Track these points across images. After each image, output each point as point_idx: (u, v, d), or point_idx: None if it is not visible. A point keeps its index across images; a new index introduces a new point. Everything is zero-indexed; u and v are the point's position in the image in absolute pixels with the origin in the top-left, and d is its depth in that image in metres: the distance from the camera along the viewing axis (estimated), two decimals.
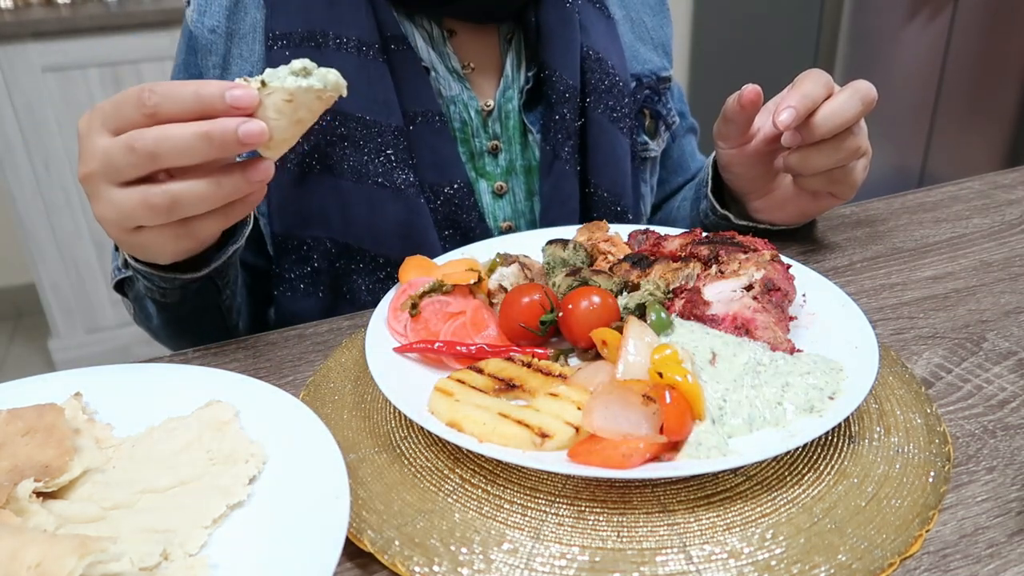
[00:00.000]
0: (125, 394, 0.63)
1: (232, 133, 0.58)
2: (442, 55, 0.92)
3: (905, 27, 2.92)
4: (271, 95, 0.59)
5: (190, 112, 0.58)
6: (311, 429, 0.56)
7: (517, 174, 0.97)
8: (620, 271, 0.72)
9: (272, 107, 0.59)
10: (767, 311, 0.64)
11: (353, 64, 0.86)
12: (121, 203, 0.61)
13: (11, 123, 2.42)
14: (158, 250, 0.67)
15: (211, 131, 0.58)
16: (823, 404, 0.57)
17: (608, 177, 0.97)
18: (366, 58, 0.86)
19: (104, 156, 0.60)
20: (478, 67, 0.95)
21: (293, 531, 0.49)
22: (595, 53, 0.95)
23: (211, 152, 0.58)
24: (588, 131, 0.95)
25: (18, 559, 0.41)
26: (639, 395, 0.54)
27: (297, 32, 0.87)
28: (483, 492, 0.54)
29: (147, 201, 0.60)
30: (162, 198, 0.60)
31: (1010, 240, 0.92)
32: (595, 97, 0.95)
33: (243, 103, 0.58)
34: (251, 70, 0.88)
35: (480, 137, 0.95)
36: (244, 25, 0.89)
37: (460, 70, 0.93)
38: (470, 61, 0.94)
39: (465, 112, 0.94)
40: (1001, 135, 3.36)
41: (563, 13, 0.93)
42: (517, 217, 0.98)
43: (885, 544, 0.49)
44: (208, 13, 0.89)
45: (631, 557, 0.49)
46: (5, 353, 3.03)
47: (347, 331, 0.78)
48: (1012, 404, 0.63)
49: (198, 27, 0.89)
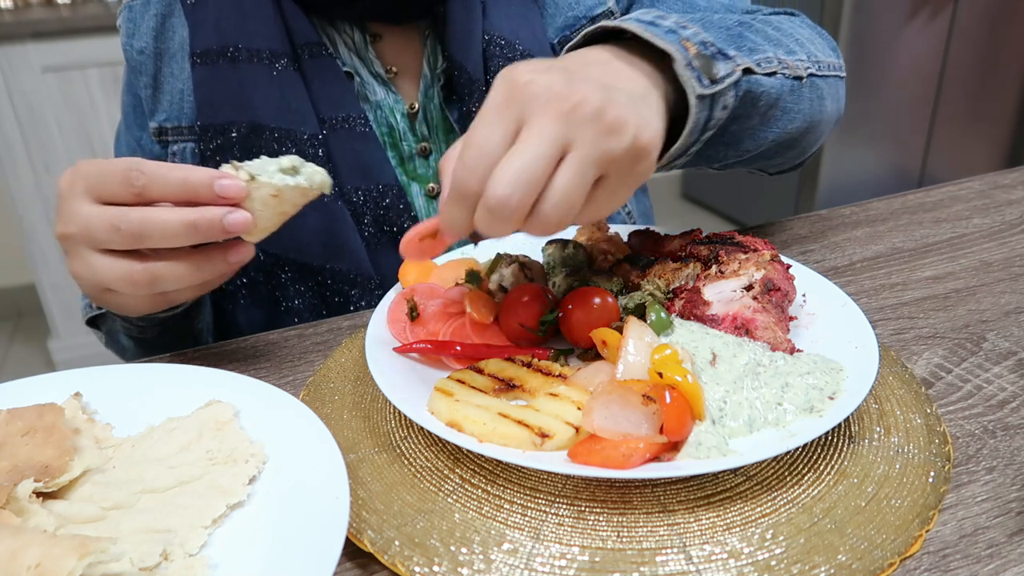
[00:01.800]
0: (125, 394, 0.63)
1: (218, 222, 0.60)
2: (365, 60, 0.91)
3: (905, 27, 2.92)
4: (259, 189, 0.61)
5: (176, 197, 0.60)
6: (311, 429, 0.56)
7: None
8: (620, 271, 0.72)
9: (258, 199, 0.61)
10: (767, 311, 0.64)
11: (265, 75, 0.86)
12: (99, 268, 0.62)
13: (11, 123, 2.42)
14: (131, 309, 0.69)
15: (198, 221, 0.60)
16: (823, 404, 0.57)
17: None
18: (276, 69, 0.86)
19: (85, 223, 0.61)
20: (401, 70, 0.93)
21: (293, 531, 0.49)
22: (499, 37, 0.90)
23: (195, 239, 0.61)
24: None
25: (18, 559, 0.41)
26: (639, 395, 0.54)
27: (214, 49, 0.87)
28: (483, 492, 0.54)
29: (128, 276, 0.62)
30: (143, 275, 0.62)
31: (1010, 240, 0.92)
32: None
33: (230, 194, 0.60)
34: (182, 88, 0.89)
35: (408, 140, 0.94)
36: (173, 44, 0.90)
37: (384, 74, 0.92)
38: (393, 65, 0.93)
39: (392, 116, 0.93)
40: (1001, 135, 3.36)
41: (466, 2, 0.89)
42: None
43: (885, 544, 0.49)
44: (136, 35, 0.91)
45: (631, 557, 0.49)
46: (5, 353, 3.03)
47: (347, 331, 0.78)
48: (1012, 404, 0.63)
49: (127, 49, 0.91)
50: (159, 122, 0.91)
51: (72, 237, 0.62)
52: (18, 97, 2.40)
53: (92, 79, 2.46)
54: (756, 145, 0.76)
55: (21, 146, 2.45)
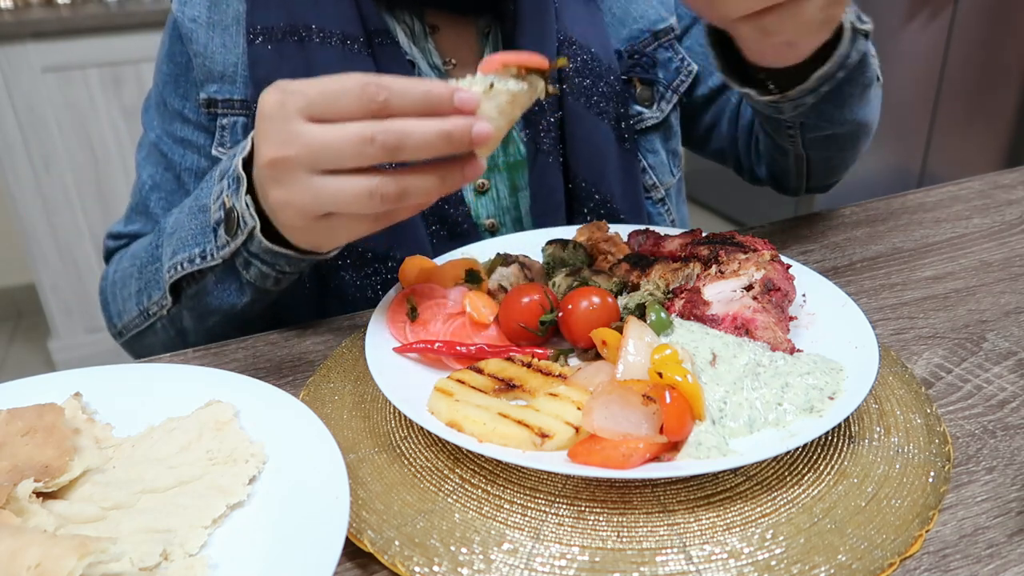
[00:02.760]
0: (125, 394, 0.63)
1: (467, 133, 0.59)
2: (424, 51, 0.92)
3: (905, 27, 2.92)
4: (495, 97, 0.61)
5: (418, 109, 0.59)
6: (311, 429, 0.56)
7: (500, 171, 0.97)
8: (620, 271, 0.72)
9: (495, 108, 0.61)
10: (767, 311, 0.64)
11: (337, 58, 0.85)
12: (329, 188, 0.60)
13: (11, 123, 2.42)
14: (340, 235, 0.66)
15: (452, 131, 0.58)
16: (823, 404, 0.57)
17: (587, 166, 0.96)
18: (351, 52, 0.86)
19: (316, 143, 0.58)
20: (459, 63, 0.94)
21: (293, 531, 0.49)
22: (570, 38, 0.93)
23: (446, 150, 0.59)
24: (565, 121, 0.94)
25: (18, 559, 0.41)
26: (639, 395, 0.54)
27: (279, 26, 0.86)
28: (483, 492, 0.54)
29: (372, 190, 0.59)
30: (393, 188, 0.59)
31: (1010, 240, 0.92)
32: (570, 85, 0.94)
33: (468, 106, 0.60)
34: (235, 62, 0.88)
35: None
36: (226, 16, 0.89)
37: (441, 66, 0.92)
38: (451, 57, 0.94)
39: None
40: (1001, 135, 3.36)
41: (540, 3, 0.91)
42: (501, 214, 0.98)
43: (885, 544, 0.49)
44: (190, 3, 0.89)
45: (631, 557, 0.49)
46: (5, 353, 3.03)
47: (347, 331, 0.78)
48: (1012, 404, 0.63)
49: (179, 17, 0.90)
50: (209, 94, 0.90)
51: (290, 160, 0.60)
52: (18, 97, 2.40)
53: (92, 79, 2.46)
54: (849, 118, 0.87)
55: (21, 146, 2.45)
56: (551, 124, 0.94)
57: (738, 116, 1.09)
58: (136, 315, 0.88)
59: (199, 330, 0.85)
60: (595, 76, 0.95)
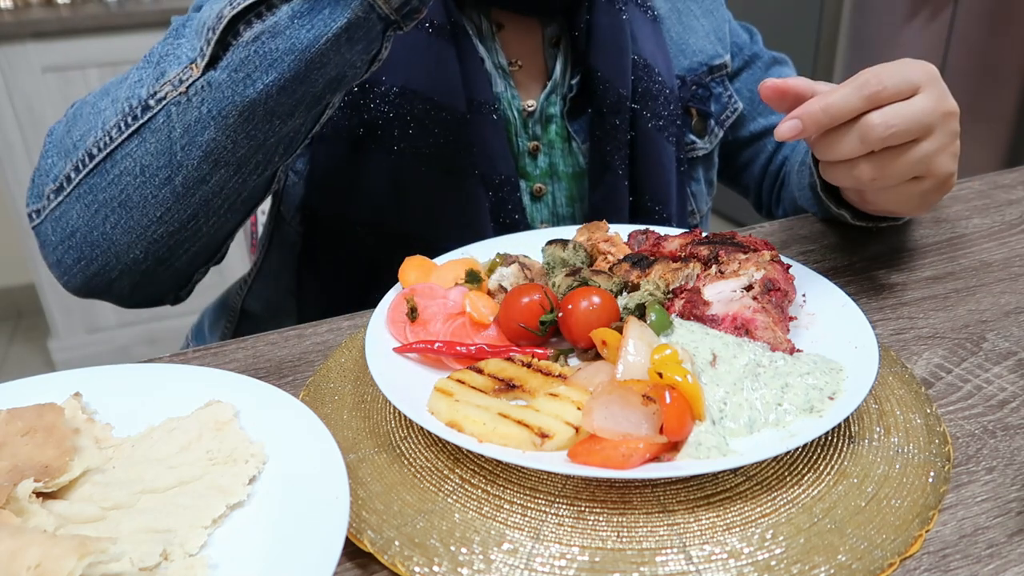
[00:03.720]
0: (125, 394, 0.63)
1: None
2: (490, 50, 0.92)
3: (905, 27, 2.92)
4: None
5: None
6: (311, 429, 0.56)
7: (559, 179, 0.97)
8: (620, 271, 0.72)
9: None
10: (767, 311, 0.64)
11: (423, 42, 0.85)
12: None
13: (11, 123, 2.42)
14: None
15: None
16: (823, 404, 0.57)
17: (654, 185, 0.97)
18: (438, 39, 0.86)
19: None
20: (524, 66, 0.94)
21: (293, 531, 0.49)
22: (643, 60, 0.94)
23: None
24: (636, 141, 0.95)
25: (18, 559, 0.41)
26: (639, 395, 0.54)
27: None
28: (483, 492, 0.54)
29: None
30: None
31: (1010, 240, 0.92)
32: (643, 105, 0.94)
33: None
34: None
35: (521, 136, 0.94)
36: None
37: (507, 67, 0.92)
38: (517, 58, 0.94)
39: (508, 110, 0.93)
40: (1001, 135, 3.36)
41: (615, 19, 0.92)
42: (557, 221, 0.98)
43: (885, 544, 0.49)
44: None
45: (631, 557, 0.49)
46: (5, 353, 3.03)
47: (347, 331, 0.78)
48: (1012, 404, 0.63)
49: None
50: None
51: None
52: (18, 97, 2.40)
53: (92, 79, 2.46)
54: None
55: (21, 146, 2.45)
56: (623, 142, 0.94)
57: (769, 163, 1.11)
58: (116, 121, 0.71)
59: (192, 147, 0.67)
60: (664, 101, 0.96)
